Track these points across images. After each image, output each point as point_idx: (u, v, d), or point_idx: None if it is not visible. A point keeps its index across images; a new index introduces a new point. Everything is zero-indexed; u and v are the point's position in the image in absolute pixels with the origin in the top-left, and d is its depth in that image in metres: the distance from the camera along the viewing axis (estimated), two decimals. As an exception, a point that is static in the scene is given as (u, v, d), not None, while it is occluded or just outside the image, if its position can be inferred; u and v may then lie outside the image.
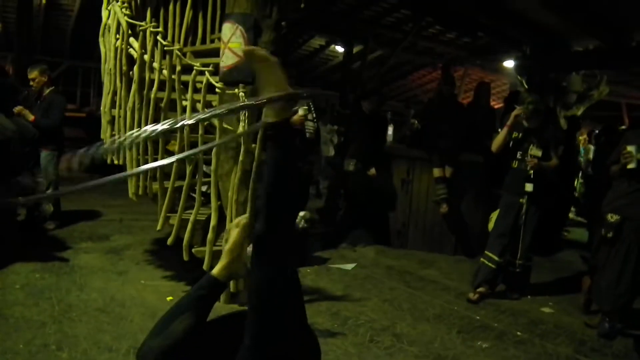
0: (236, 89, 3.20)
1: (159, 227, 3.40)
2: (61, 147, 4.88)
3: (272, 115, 1.16)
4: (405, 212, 5.44)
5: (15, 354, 2.51)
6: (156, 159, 3.34)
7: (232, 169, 3.26)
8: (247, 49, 1.24)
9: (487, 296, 4.00)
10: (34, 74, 4.75)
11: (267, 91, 1.14)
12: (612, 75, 6.57)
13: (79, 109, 9.98)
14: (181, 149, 3.26)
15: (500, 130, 4.16)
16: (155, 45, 3.36)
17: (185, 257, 3.28)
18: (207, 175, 3.48)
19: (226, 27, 3.37)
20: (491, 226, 4.14)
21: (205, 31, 4.43)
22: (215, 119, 3.05)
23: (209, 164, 3.41)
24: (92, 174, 1.75)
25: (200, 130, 3.21)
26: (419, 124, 5.52)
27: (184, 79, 3.32)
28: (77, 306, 3.13)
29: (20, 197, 3.93)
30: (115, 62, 3.59)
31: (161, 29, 3.56)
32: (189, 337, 1.20)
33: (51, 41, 10.35)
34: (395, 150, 5.88)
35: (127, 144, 1.07)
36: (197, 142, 3.21)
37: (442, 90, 5.55)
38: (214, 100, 3.32)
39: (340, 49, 10.07)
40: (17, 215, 4.52)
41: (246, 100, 2.99)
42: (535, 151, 3.88)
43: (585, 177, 7.74)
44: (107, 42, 3.78)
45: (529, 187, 3.84)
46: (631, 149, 3.29)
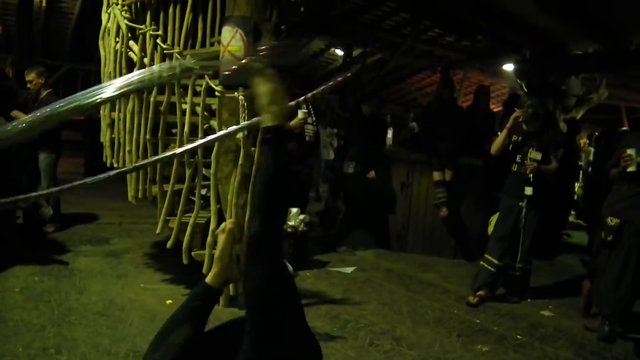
0: (236, 92, 3.20)
1: (158, 230, 3.40)
2: (59, 150, 4.88)
3: (269, 119, 1.19)
4: (404, 216, 5.44)
5: (14, 357, 2.51)
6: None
7: (231, 172, 3.25)
8: (242, 63, 1.26)
9: (487, 299, 3.99)
10: (31, 76, 4.75)
11: (263, 103, 1.20)
12: (612, 78, 6.59)
13: (78, 112, 9.97)
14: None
15: (499, 133, 4.17)
16: (155, 48, 3.37)
17: (184, 260, 3.27)
18: (207, 178, 3.48)
19: (226, 31, 3.37)
20: (491, 229, 4.13)
21: (205, 34, 4.44)
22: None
23: (208, 167, 3.41)
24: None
25: (199, 133, 3.22)
26: (418, 127, 5.52)
27: (184, 82, 3.32)
28: (77, 309, 3.13)
29: (19, 196, 3.91)
30: (115, 65, 3.59)
31: (161, 32, 3.58)
32: (189, 347, 1.21)
33: (51, 44, 10.38)
34: (394, 153, 5.89)
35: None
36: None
37: (442, 93, 5.55)
38: (214, 103, 3.33)
39: (339, 52, 10.09)
40: (16, 218, 4.52)
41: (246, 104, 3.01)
42: (534, 154, 3.87)
43: (586, 179, 7.74)
44: (107, 45, 3.79)
45: (529, 190, 3.84)
46: (631, 152, 3.28)
